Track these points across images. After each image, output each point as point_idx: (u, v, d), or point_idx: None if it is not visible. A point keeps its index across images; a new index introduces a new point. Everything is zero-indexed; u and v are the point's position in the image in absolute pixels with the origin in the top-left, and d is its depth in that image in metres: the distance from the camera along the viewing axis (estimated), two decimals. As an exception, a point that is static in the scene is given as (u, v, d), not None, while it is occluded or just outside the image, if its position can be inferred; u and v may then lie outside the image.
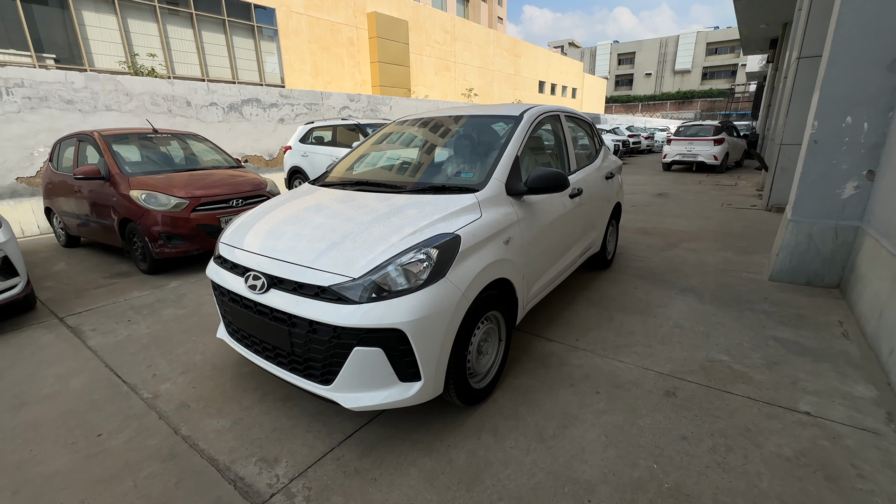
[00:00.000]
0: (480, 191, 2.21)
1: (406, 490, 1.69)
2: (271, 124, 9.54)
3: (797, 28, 6.82)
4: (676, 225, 6.06)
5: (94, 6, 12.97)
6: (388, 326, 1.66)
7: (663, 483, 1.69)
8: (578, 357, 2.63)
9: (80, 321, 3.29)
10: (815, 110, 3.44)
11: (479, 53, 26.89)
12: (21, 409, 2.24)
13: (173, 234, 4.18)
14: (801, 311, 3.20)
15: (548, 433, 1.98)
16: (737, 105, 42.75)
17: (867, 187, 3.32)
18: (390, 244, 1.82)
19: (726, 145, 12.48)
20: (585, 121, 3.79)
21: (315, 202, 2.45)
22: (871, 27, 3.09)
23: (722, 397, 2.20)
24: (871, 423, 1.97)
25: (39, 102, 6.35)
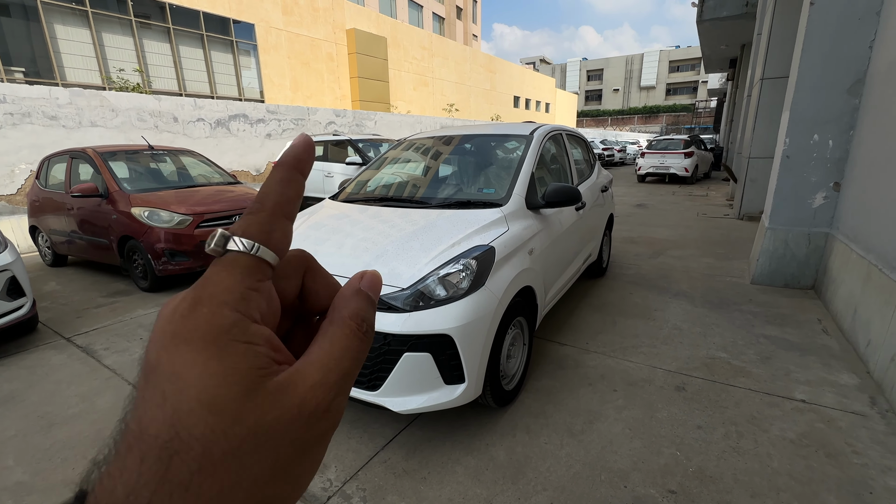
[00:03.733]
0: (505, 205, 2.38)
1: (455, 486, 1.81)
2: (258, 139, 9.52)
3: (759, 51, 7.43)
4: (659, 234, 6.42)
5: (66, 19, 12.65)
6: (438, 332, 1.79)
7: (688, 467, 1.86)
8: (591, 359, 2.81)
9: (90, 340, 3.25)
10: (785, 129, 3.81)
11: (456, 69, 27.51)
12: (51, 430, 2.23)
13: (177, 250, 4.17)
14: (783, 310, 3.49)
15: (576, 429, 2.14)
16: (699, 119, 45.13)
17: (835, 197, 3.69)
18: (432, 256, 1.96)
19: (696, 158, 13.23)
20: (581, 138, 4.05)
21: (343, 218, 2.57)
22: (832, 55, 3.48)
23: (727, 390, 2.42)
24: (858, 407, 2.22)
25: (22, 118, 6.18)
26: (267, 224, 0.23)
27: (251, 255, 0.22)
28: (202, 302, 0.20)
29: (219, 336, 0.19)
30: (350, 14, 20.11)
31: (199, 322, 0.19)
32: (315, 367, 0.21)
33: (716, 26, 10.96)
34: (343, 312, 0.24)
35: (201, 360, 0.19)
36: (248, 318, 0.21)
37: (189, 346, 0.19)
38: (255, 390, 0.19)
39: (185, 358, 0.19)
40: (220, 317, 0.20)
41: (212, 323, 0.19)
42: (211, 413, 0.18)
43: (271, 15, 17.06)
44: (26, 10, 11.96)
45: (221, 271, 0.21)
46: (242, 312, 0.20)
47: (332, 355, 0.22)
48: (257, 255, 0.22)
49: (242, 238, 0.22)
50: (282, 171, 0.25)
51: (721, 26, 10.89)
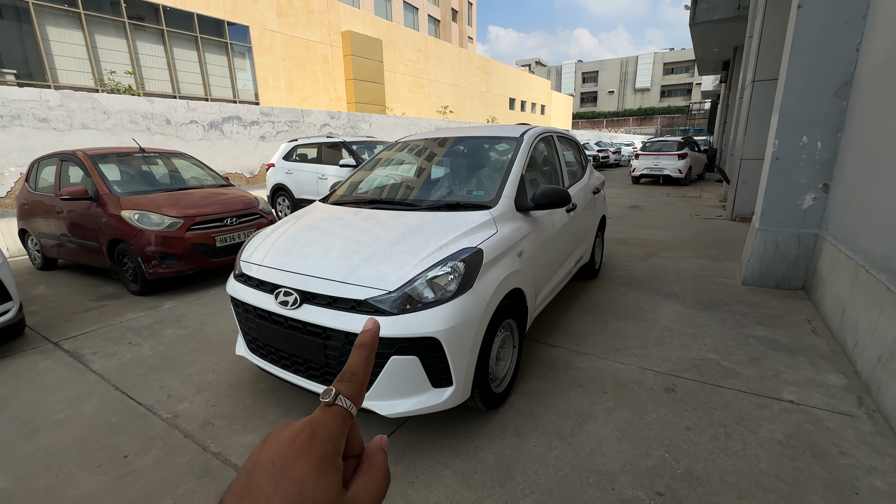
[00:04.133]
0: (493, 207, 2.38)
1: (443, 490, 1.80)
2: (252, 142, 9.49)
3: (749, 53, 7.49)
4: (652, 235, 6.44)
5: (59, 21, 12.58)
6: (425, 335, 1.79)
7: (676, 469, 1.86)
8: (582, 361, 2.81)
9: (78, 345, 3.22)
10: (774, 130, 3.83)
11: (452, 71, 27.57)
12: (35, 436, 2.20)
13: (168, 253, 4.14)
14: (773, 311, 3.51)
15: (566, 431, 2.13)
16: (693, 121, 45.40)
17: (823, 198, 3.71)
18: (420, 258, 1.95)
19: (689, 160, 13.30)
20: (573, 140, 4.06)
21: (334, 220, 2.56)
22: (819, 57, 3.51)
23: (716, 391, 2.42)
24: (846, 408, 2.23)
25: (11, 121, 6.13)
26: (358, 391, 0.34)
27: (346, 410, 0.33)
28: (317, 436, 0.30)
29: (325, 461, 0.29)
30: (345, 16, 20.13)
31: (315, 449, 0.29)
32: (364, 492, 0.32)
33: (708, 29, 11.04)
34: (376, 461, 0.35)
35: (315, 474, 0.28)
36: (339, 452, 0.31)
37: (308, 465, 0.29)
38: (338, 499, 0.29)
39: (305, 471, 0.28)
40: (327, 450, 0.30)
41: (322, 453, 0.30)
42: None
43: (266, 17, 17.04)
44: (18, 11, 11.89)
45: (331, 417, 0.32)
46: (337, 448, 0.31)
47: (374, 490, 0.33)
48: (349, 410, 0.33)
49: (345, 397, 0.33)
50: (366, 351, 0.36)
51: (713, 29, 10.98)
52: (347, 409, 0.32)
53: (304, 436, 0.30)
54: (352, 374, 0.34)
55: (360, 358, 0.35)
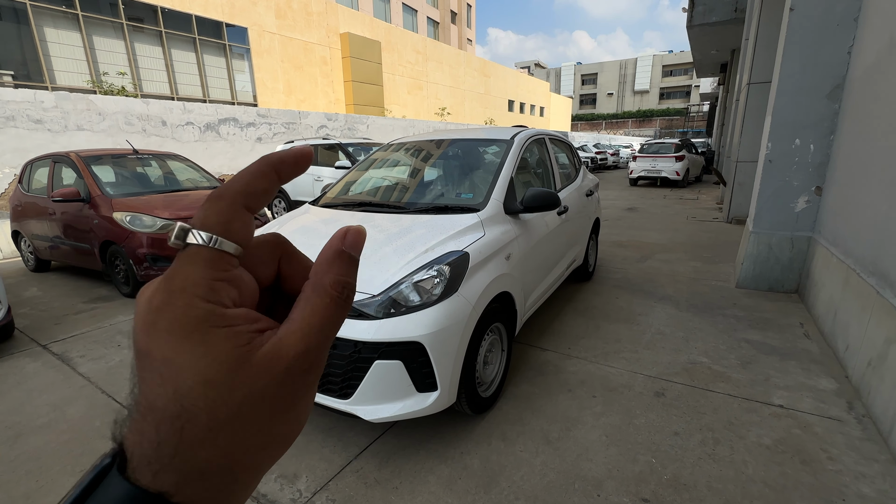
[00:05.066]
0: (482, 210, 2.37)
1: (427, 496, 1.78)
2: (249, 143, 9.48)
3: (745, 56, 7.50)
4: (648, 237, 6.43)
5: (56, 22, 12.58)
6: (409, 339, 1.77)
7: (662, 475, 1.85)
8: (572, 364, 2.79)
9: (66, 348, 3.20)
10: (768, 133, 3.83)
11: (451, 73, 27.59)
12: (18, 441, 2.18)
13: (159, 255, 4.12)
14: (766, 314, 3.50)
15: (553, 436, 2.12)
16: (692, 123, 45.46)
17: (816, 201, 3.71)
18: (405, 262, 1.94)
19: (687, 162, 13.31)
20: (566, 142, 4.05)
21: (321, 223, 2.54)
22: (812, 60, 3.50)
23: (706, 395, 2.41)
24: (836, 412, 2.21)
25: (6, 122, 6.12)
26: (225, 214, 0.23)
27: (212, 248, 0.22)
28: (174, 295, 0.22)
29: (198, 325, 0.21)
30: (344, 18, 20.15)
31: (176, 314, 0.21)
32: (297, 335, 0.23)
33: (706, 31, 11.06)
34: (324, 280, 0.24)
35: (188, 346, 0.21)
36: (220, 305, 0.22)
37: (172, 336, 0.21)
38: (242, 365, 0.22)
39: (172, 346, 0.21)
40: (194, 308, 0.21)
41: (188, 315, 0.21)
42: (208, 388, 0.21)
43: (264, 19, 17.05)
44: (16, 13, 11.88)
45: (186, 264, 0.22)
46: (214, 302, 0.22)
47: (313, 324, 0.23)
48: (217, 248, 0.23)
49: (201, 231, 0.22)
50: (259, 164, 0.25)
51: (711, 31, 11.00)
52: (209, 245, 0.22)
53: (156, 298, 0.22)
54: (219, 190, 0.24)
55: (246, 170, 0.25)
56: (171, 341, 0.21)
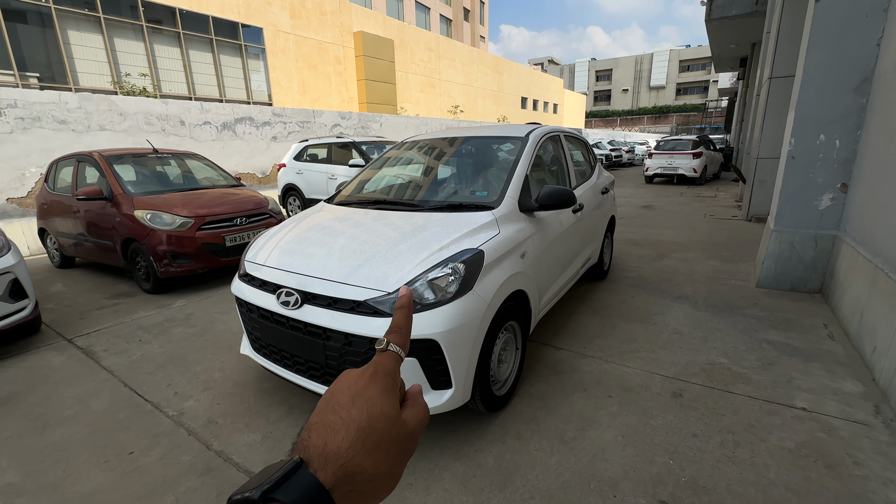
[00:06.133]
0: (496, 208, 2.36)
1: (441, 493, 1.78)
2: (264, 142, 9.61)
3: (767, 49, 7.30)
4: (664, 236, 6.33)
5: (80, 25, 12.91)
6: (424, 337, 1.77)
7: (680, 477, 1.82)
8: (587, 364, 2.77)
9: (90, 342, 3.29)
10: (790, 129, 3.72)
11: (463, 71, 27.50)
12: (45, 431, 2.25)
13: (179, 253, 4.21)
14: (788, 315, 3.41)
15: (568, 435, 2.10)
16: (710, 119, 44.49)
17: (842, 199, 3.59)
18: (420, 259, 1.94)
19: (704, 158, 13.04)
20: (581, 139, 4.01)
21: (337, 221, 2.56)
22: (837, 54, 3.39)
23: (725, 397, 2.36)
24: (862, 416, 2.15)
25: (32, 123, 6.31)
26: (404, 340, 0.43)
27: (397, 353, 0.41)
28: (379, 371, 0.39)
29: (388, 388, 0.38)
30: (357, 17, 20.23)
31: (379, 380, 0.38)
32: (413, 418, 0.40)
33: (725, 25, 10.80)
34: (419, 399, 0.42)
35: (382, 395, 0.37)
36: (396, 384, 0.40)
37: (377, 390, 0.37)
38: (398, 415, 0.38)
39: (375, 393, 0.37)
40: (388, 381, 0.39)
41: (384, 383, 0.38)
42: (386, 418, 0.36)
43: (279, 19, 17.23)
44: (42, 17, 12.24)
45: (386, 359, 0.40)
46: (395, 381, 0.40)
47: (418, 416, 0.40)
48: (400, 355, 0.42)
49: (395, 344, 0.42)
50: (405, 311, 0.45)
51: (730, 25, 10.73)
52: (397, 352, 0.41)
53: (370, 370, 0.39)
54: (397, 327, 0.43)
55: (403, 316, 0.44)
56: (375, 392, 0.37)
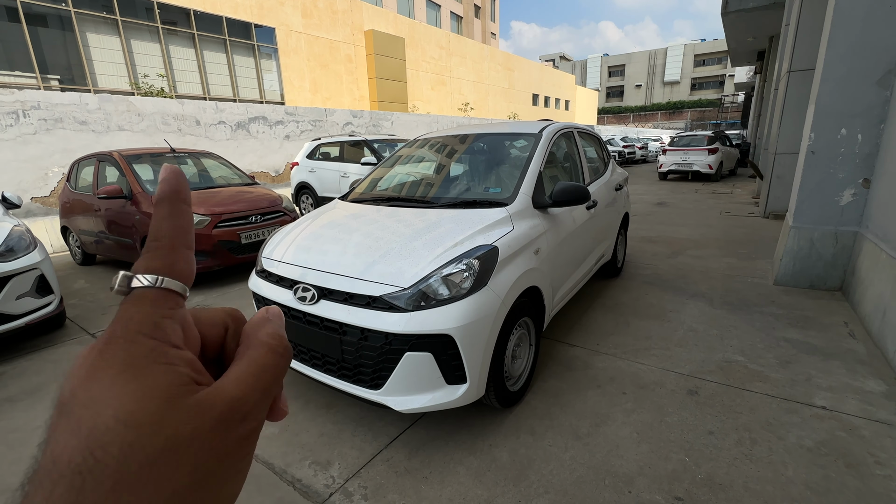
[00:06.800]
0: (510, 204, 2.36)
1: (456, 487, 1.80)
2: (277, 141, 9.72)
3: (786, 42, 7.14)
4: (679, 233, 6.25)
5: (98, 28, 13.20)
6: (439, 332, 1.79)
7: (696, 474, 1.81)
8: (601, 360, 2.76)
9: (113, 337, 3.38)
10: (810, 123, 3.64)
11: (474, 68, 27.42)
12: (72, 422, 2.33)
13: (196, 250, 4.27)
14: (807, 313, 3.35)
15: (582, 431, 2.10)
16: (726, 114, 43.65)
17: (864, 194, 3.51)
18: (435, 255, 1.95)
19: (720, 154, 12.81)
20: (595, 136, 3.98)
21: (352, 217, 2.59)
22: (860, 45, 3.31)
23: (742, 395, 2.33)
24: (884, 416, 2.11)
25: (54, 124, 6.49)
26: (167, 257, 0.24)
27: (157, 288, 0.23)
28: (116, 336, 0.21)
29: (137, 360, 0.21)
30: (368, 15, 20.30)
31: (115, 352, 0.21)
32: (234, 383, 0.23)
33: (742, 18, 10.58)
34: (259, 334, 0.26)
35: (120, 382, 0.20)
36: (165, 343, 0.22)
37: (107, 373, 0.20)
38: (175, 404, 0.20)
39: (103, 383, 0.20)
40: (136, 345, 0.21)
41: (129, 351, 0.21)
42: (128, 427, 0.19)
43: (291, 18, 17.37)
44: (62, 20, 12.53)
45: (130, 307, 0.23)
46: (159, 339, 0.22)
47: (250, 372, 0.24)
48: (163, 287, 0.23)
49: (145, 274, 0.23)
50: (166, 206, 0.26)
51: (748, 18, 10.51)
52: (155, 285, 0.23)
53: (101, 340, 0.22)
54: (153, 240, 0.25)
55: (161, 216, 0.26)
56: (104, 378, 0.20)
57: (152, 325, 0.22)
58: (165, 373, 0.21)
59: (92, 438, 0.18)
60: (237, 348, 0.26)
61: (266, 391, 0.24)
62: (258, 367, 0.24)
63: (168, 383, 0.21)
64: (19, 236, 3.21)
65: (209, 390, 0.22)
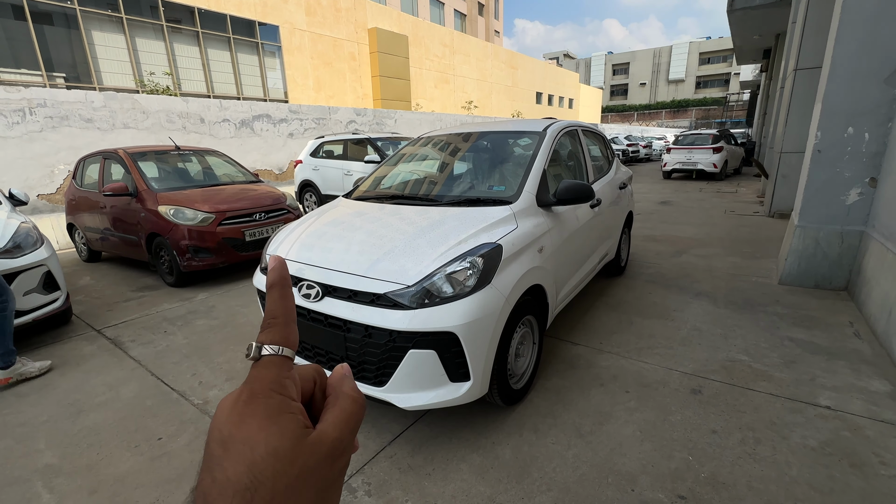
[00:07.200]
0: (514, 203, 2.36)
1: (459, 483, 1.81)
2: (281, 139, 9.74)
3: (792, 40, 7.09)
4: (683, 232, 6.22)
5: (103, 26, 13.25)
6: (443, 329, 1.80)
7: (700, 473, 1.81)
8: (604, 359, 2.76)
9: (118, 333, 3.41)
10: (817, 121, 3.62)
11: (478, 66, 27.36)
12: (79, 417, 2.35)
13: (200, 247, 4.31)
14: (812, 312, 3.33)
15: (585, 430, 2.10)
16: (731, 113, 43.34)
17: (870, 194, 3.49)
18: (439, 253, 1.96)
19: (725, 153, 12.74)
20: (599, 134, 3.97)
21: (356, 215, 2.60)
22: (868, 44, 3.28)
23: (745, 394, 2.33)
24: (889, 416, 2.10)
25: (60, 121, 6.53)
26: (283, 331, 0.32)
27: (279, 356, 0.31)
28: (256, 393, 0.29)
29: (273, 411, 0.28)
30: (372, 13, 20.28)
31: (258, 405, 0.28)
32: (332, 427, 0.30)
33: (748, 16, 10.50)
34: (343, 389, 0.33)
35: (265, 426, 0.27)
36: (288, 397, 0.30)
37: (255, 420, 0.28)
38: (300, 443, 0.28)
39: (253, 428, 0.27)
40: (271, 399, 0.29)
41: (267, 404, 0.28)
42: (276, 459, 0.26)
43: (295, 16, 17.38)
44: (67, 18, 12.59)
45: (262, 370, 0.30)
46: (285, 395, 0.29)
47: (343, 418, 0.31)
48: (282, 355, 0.31)
49: (270, 345, 0.31)
50: (278, 290, 0.34)
51: (754, 15, 10.43)
52: (278, 354, 0.31)
53: (244, 397, 0.29)
54: (271, 318, 0.32)
55: (276, 298, 0.33)
56: (254, 424, 0.27)
57: (279, 384, 0.29)
58: (291, 420, 0.28)
59: (253, 466, 0.26)
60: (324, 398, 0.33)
61: (353, 432, 0.31)
62: (347, 415, 0.31)
63: (294, 427, 0.28)
64: (26, 233, 3.24)
65: (317, 433, 0.29)
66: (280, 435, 0.27)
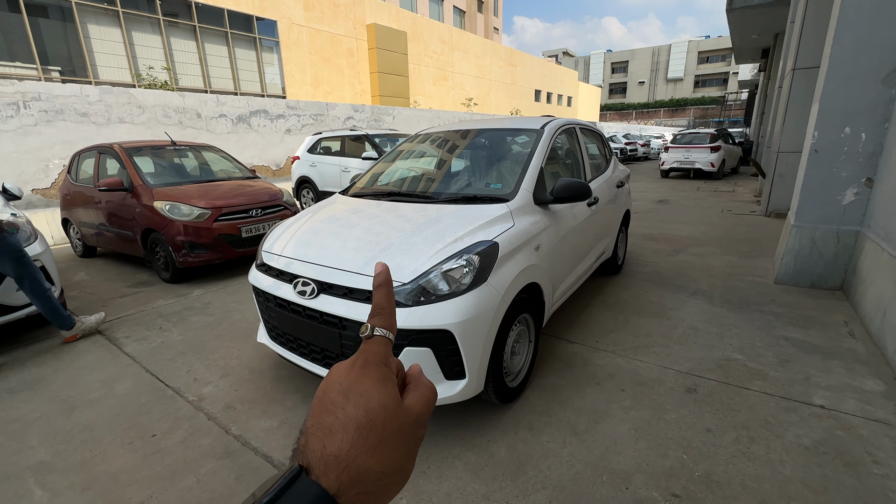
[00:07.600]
0: (511, 200, 2.35)
1: (454, 481, 1.81)
2: (278, 135, 9.69)
3: (791, 40, 7.09)
4: (680, 231, 6.23)
5: (99, 19, 13.13)
6: (438, 327, 1.79)
7: (694, 471, 1.81)
8: (600, 357, 2.76)
9: (113, 329, 3.39)
10: (814, 121, 3.62)
11: (477, 63, 27.28)
12: (73, 413, 2.34)
13: (196, 243, 4.29)
14: (807, 312, 3.35)
15: (580, 428, 2.10)
16: (729, 112, 43.39)
17: (866, 194, 3.49)
18: (435, 251, 1.95)
19: (722, 152, 12.77)
20: (597, 132, 3.96)
21: (352, 212, 2.58)
22: (865, 44, 3.28)
23: (740, 393, 2.34)
24: (882, 415, 2.11)
25: (55, 115, 6.47)
26: (389, 319, 0.39)
27: (385, 338, 0.38)
28: (370, 361, 0.35)
29: (382, 376, 0.35)
30: (370, 9, 20.18)
31: (371, 369, 0.35)
32: (417, 402, 0.36)
33: (747, 15, 10.49)
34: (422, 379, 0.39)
35: (377, 385, 0.34)
36: (390, 369, 0.37)
37: (370, 380, 0.34)
38: (399, 405, 0.35)
39: (368, 384, 0.34)
40: (380, 368, 0.35)
41: (378, 371, 0.35)
42: (385, 410, 0.33)
43: (293, 11, 17.27)
44: (63, 11, 12.47)
45: (374, 345, 0.37)
46: (388, 367, 0.36)
47: (425, 399, 0.37)
48: (388, 337, 0.38)
49: (380, 328, 0.38)
50: (385, 288, 0.41)
51: (753, 15, 10.42)
52: (385, 336, 0.38)
53: (360, 361, 0.35)
54: (380, 308, 0.40)
55: (383, 294, 0.40)
56: (370, 383, 0.34)
57: (386, 358, 0.36)
58: (394, 387, 0.35)
59: (369, 411, 0.32)
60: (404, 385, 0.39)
61: (429, 413, 0.37)
62: (426, 398, 0.37)
63: (396, 393, 0.35)
64: (20, 228, 3.20)
65: (407, 403, 0.36)
66: (388, 395, 0.34)
